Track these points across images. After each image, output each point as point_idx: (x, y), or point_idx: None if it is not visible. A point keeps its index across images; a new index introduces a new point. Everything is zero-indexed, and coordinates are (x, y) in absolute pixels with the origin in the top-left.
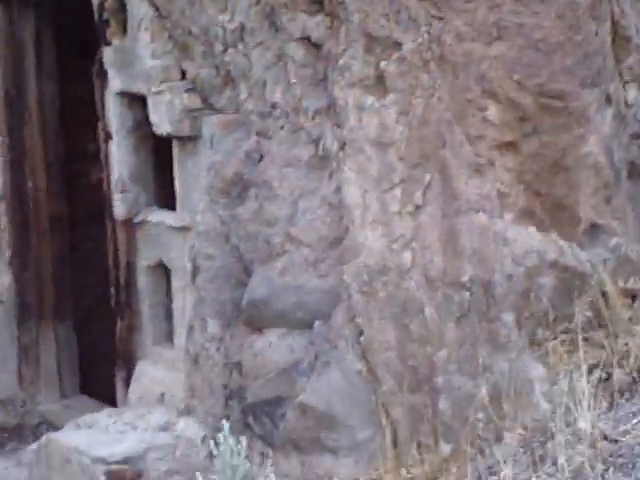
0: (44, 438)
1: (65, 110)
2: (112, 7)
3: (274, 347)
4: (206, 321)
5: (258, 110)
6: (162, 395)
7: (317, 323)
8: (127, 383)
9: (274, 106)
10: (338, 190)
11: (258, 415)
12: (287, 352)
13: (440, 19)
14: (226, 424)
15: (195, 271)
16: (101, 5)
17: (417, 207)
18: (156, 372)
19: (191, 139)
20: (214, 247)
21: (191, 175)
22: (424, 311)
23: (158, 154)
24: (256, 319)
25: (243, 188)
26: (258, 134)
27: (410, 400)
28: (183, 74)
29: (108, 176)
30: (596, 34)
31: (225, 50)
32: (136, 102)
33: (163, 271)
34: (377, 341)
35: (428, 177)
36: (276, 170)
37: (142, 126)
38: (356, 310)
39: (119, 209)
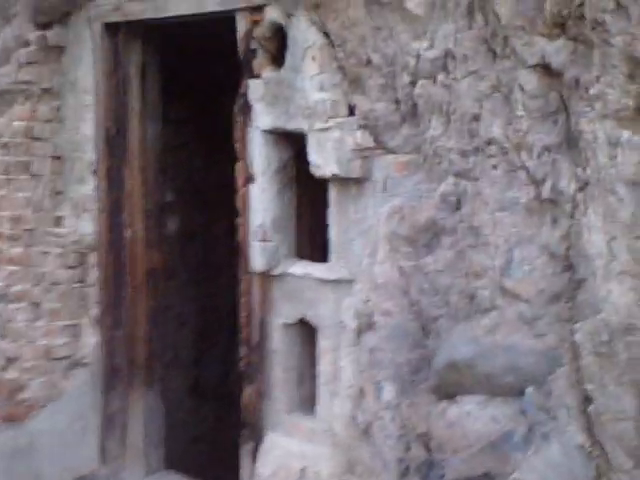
0: None
1: None
2: (264, 35)
3: (473, 417)
4: (381, 386)
5: (460, 148)
6: (302, 471)
7: (529, 390)
8: (254, 456)
9: (490, 142)
10: (564, 238)
11: None
12: (491, 422)
13: None
14: None
15: (363, 329)
16: (248, 34)
17: None
18: (292, 445)
19: (357, 181)
20: (392, 302)
21: (352, 222)
22: None
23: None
24: (452, 384)
25: (434, 235)
26: (457, 175)
27: None
28: (350, 110)
29: (245, 223)
30: None
31: (414, 82)
32: (283, 141)
33: (301, 330)
34: (610, 411)
35: None
36: (488, 215)
37: (287, 168)
38: (586, 375)
39: (258, 260)
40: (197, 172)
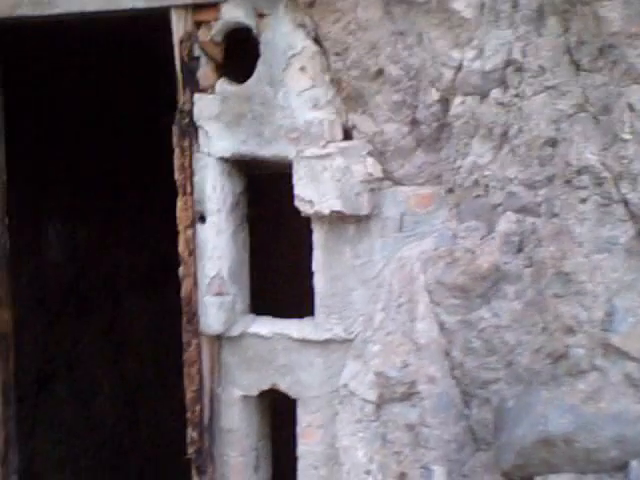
0: None
1: None
2: (212, 39)
3: None
4: (430, 470)
5: (525, 178)
6: None
7: (635, 463)
8: None
9: (579, 171)
10: None
11: None
12: None
13: None
14: None
15: (392, 400)
16: (189, 37)
17: None
18: None
19: (357, 219)
20: (436, 366)
21: (349, 268)
22: None
23: None
24: (536, 463)
25: (494, 284)
26: (520, 211)
27: None
28: (345, 132)
29: (194, 273)
30: None
31: (445, 98)
32: (241, 171)
33: (262, 402)
34: None
35: None
36: (578, 258)
37: (240, 203)
38: None
39: (213, 319)
40: None
